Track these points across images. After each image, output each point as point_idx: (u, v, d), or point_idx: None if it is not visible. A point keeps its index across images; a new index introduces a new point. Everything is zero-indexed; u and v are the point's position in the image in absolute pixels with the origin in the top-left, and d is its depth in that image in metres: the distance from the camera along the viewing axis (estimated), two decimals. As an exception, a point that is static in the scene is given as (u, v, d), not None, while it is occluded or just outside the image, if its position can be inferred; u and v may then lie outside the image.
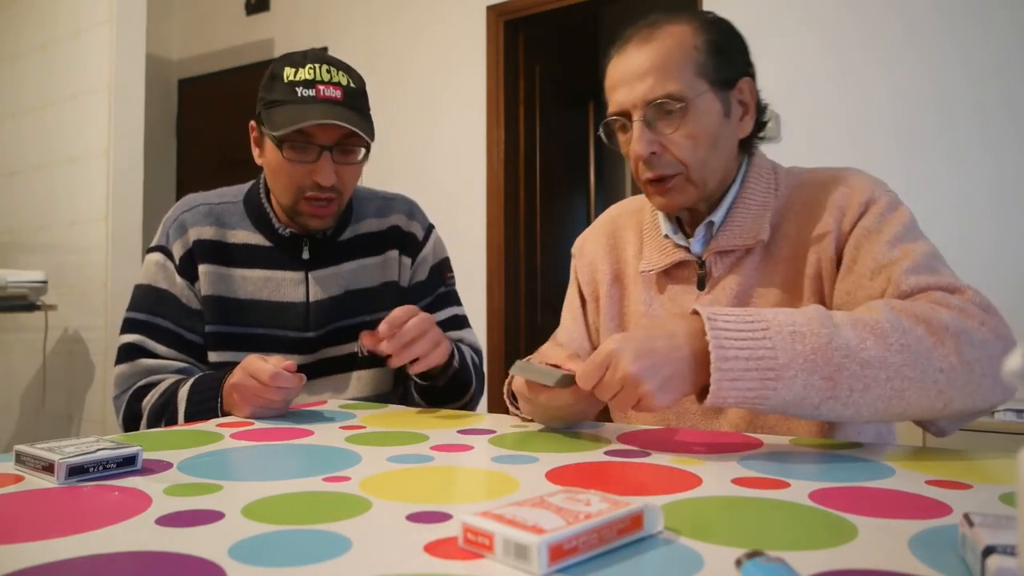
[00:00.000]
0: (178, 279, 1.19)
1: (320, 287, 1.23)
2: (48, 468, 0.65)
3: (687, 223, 1.04)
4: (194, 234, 1.21)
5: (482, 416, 1.00)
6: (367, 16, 3.97)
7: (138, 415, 1.14)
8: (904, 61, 2.68)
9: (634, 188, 4.80)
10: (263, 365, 0.98)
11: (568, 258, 1.24)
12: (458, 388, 1.21)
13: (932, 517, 0.53)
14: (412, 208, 1.35)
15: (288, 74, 1.14)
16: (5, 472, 0.67)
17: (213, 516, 0.54)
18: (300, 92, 1.13)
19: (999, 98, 2.53)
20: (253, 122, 1.20)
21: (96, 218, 2.85)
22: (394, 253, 1.30)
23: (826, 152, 2.72)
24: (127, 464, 0.68)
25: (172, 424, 1.09)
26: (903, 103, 2.68)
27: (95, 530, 0.51)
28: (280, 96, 1.14)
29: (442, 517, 0.53)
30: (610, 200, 1.26)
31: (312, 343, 1.22)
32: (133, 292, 1.23)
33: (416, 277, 1.32)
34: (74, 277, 2.90)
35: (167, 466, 0.70)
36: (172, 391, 1.12)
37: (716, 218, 1.00)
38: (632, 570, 0.44)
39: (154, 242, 1.24)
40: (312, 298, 1.22)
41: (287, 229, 1.23)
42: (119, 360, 1.19)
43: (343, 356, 1.24)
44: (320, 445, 0.80)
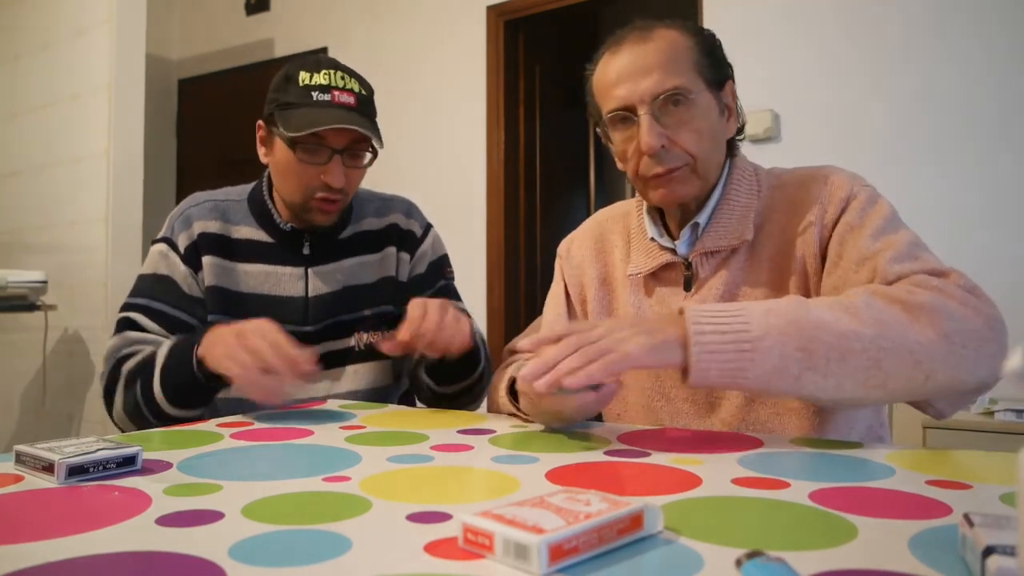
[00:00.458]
0: (181, 266, 1.21)
1: (319, 282, 1.26)
2: (48, 468, 0.65)
3: (674, 225, 1.06)
4: (199, 227, 1.23)
5: (482, 416, 1.00)
6: (367, 16, 3.97)
7: (116, 379, 1.14)
8: (906, 61, 2.68)
9: (633, 188, 4.80)
10: (282, 337, 0.95)
11: (567, 258, 1.24)
12: (471, 364, 1.22)
13: (932, 517, 0.53)
14: (410, 208, 1.38)
15: (303, 78, 1.17)
16: (5, 472, 0.67)
17: (213, 516, 0.54)
18: (316, 96, 1.16)
19: (996, 98, 2.53)
20: (261, 121, 1.23)
21: (96, 218, 2.85)
22: (392, 250, 1.32)
23: (826, 152, 2.72)
24: (127, 464, 0.68)
25: (148, 386, 1.08)
26: (904, 103, 2.68)
27: (95, 530, 0.51)
28: (295, 99, 1.16)
29: (442, 517, 0.53)
30: (610, 200, 1.26)
31: (310, 337, 1.23)
32: (135, 281, 1.25)
33: (415, 271, 1.34)
34: (74, 277, 2.90)
35: (167, 466, 0.70)
36: (154, 352, 1.11)
37: (701, 219, 1.01)
38: (632, 570, 0.44)
39: (159, 235, 1.26)
40: (311, 293, 1.25)
41: (288, 225, 1.26)
42: (112, 335, 1.21)
43: (341, 350, 1.26)
44: (320, 445, 0.80)
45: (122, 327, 1.19)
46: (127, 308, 1.21)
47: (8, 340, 3.12)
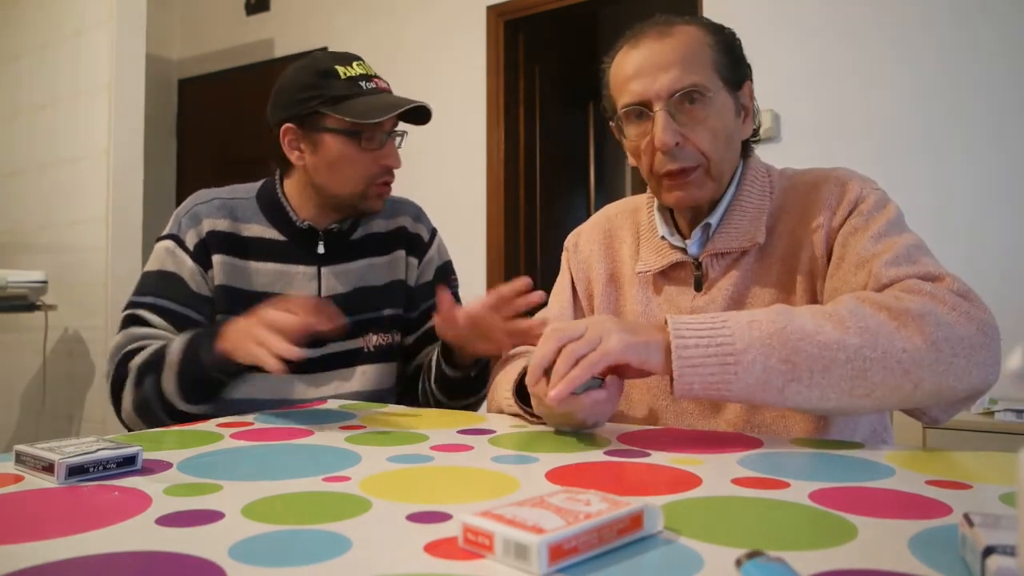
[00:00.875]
0: (189, 263, 1.20)
1: (333, 282, 1.26)
2: (48, 468, 0.65)
3: (684, 224, 1.05)
4: (208, 225, 1.22)
5: (482, 416, 1.00)
6: (367, 16, 3.97)
7: (123, 377, 1.12)
8: (907, 60, 2.68)
9: (634, 188, 4.80)
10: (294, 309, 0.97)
11: (567, 257, 1.23)
12: (481, 381, 1.23)
13: (932, 517, 0.53)
14: (419, 211, 1.39)
15: (342, 71, 1.18)
16: (5, 472, 0.67)
17: (213, 516, 0.54)
18: (364, 85, 1.18)
19: (989, 96, 2.53)
20: (290, 124, 1.19)
21: (96, 218, 2.85)
22: (401, 253, 1.33)
23: (826, 152, 2.72)
24: (127, 464, 0.68)
25: (157, 381, 1.07)
26: (904, 103, 2.68)
27: (95, 530, 0.51)
28: (345, 91, 1.17)
29: (442, 517, 0.53)
30: (610, 200, 1.26)
31: (320, 337, 1.22)
32: (140, 278, 1.23)
33: (423, 277, 1.34)
34: (74, 277, 2.90)
35: (167, 466, 0.70)
36: (165, 346, 1.10)
37: (713, 220, 1.01)
38: (632, 570, 0.44)
39: (165, 231, 1.24)
40: (325, 292, 1.25)
41: (306, 223, 1.25)
42: (117, 331, 1.19)
43: (350, 351, 1.26)
44: (320, 445, 0.80)
45: (128, 323, 1.18)
46: (132, 306, 1.19)
47: (8, 340, 3.12)
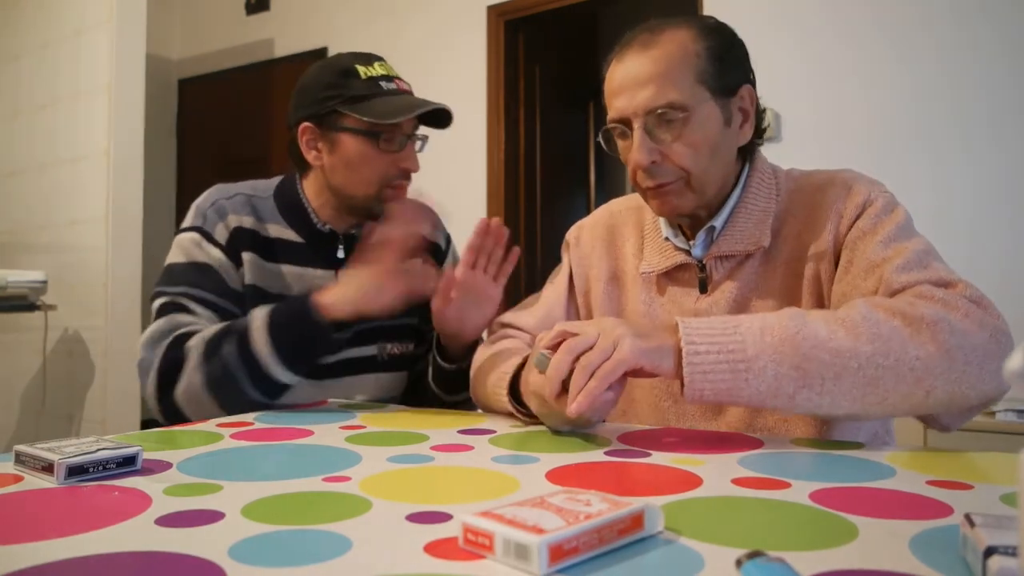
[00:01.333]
0: (218, 255, 1.15)
1: None
2: (48, 468, 0.65)
3: (687, 227, 1.04)
4: (234, 221, 1.18)
5: (482, 416, 1.00)
6: (367, 16, 3.97)
7: (178, 359, 1.05)
8: (907, 60, 2.68)
9: (634, 188, 4.79)
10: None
11: (567, 256, 1.23)
12: None
13: (933, 517, 0.53)
14: (436, 217, 1.37)
15: (363, 71, 1.17)
16: (5, 472, 0.67)
17: (213, 516, 0.54)
18: (384, 86, 1.17)
19: (989, 96, 2.53)
20: (308, 124, 1.18)
21: (96, 218, 2.85)
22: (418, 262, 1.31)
23: (826, 152, 2.72)
24: (127, 464, 0.68)
25: (246, 349, 1.01)
26: (904, 103, 2.68)
27: (95, 530, 0.51)
28: (366, 91, 1.15)
29: (442, 517, 0.53)
30: (610, 200, 1.25)
31: (336, 343, 1.22)
32: (165, 271, 1.16)
33: None
34: (74, 277, 2.90)
35: (167, 466, 0.70)
36: (234, 323, 1.05)
37: (717, 223, 1.00)
38: (632, 570, 0.44)
39: (187, 224, 1.19)
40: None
41: (327, 226, 1.23)
42: (154, 320, 1.12)
43: (364, 357, 1.25)
44: (320, 445, 0.80)
45: (168, 310, 1.10)
46: (164, 295, 1.12)
47: (8, 340, 3.12)
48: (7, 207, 3.22)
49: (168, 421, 1.07)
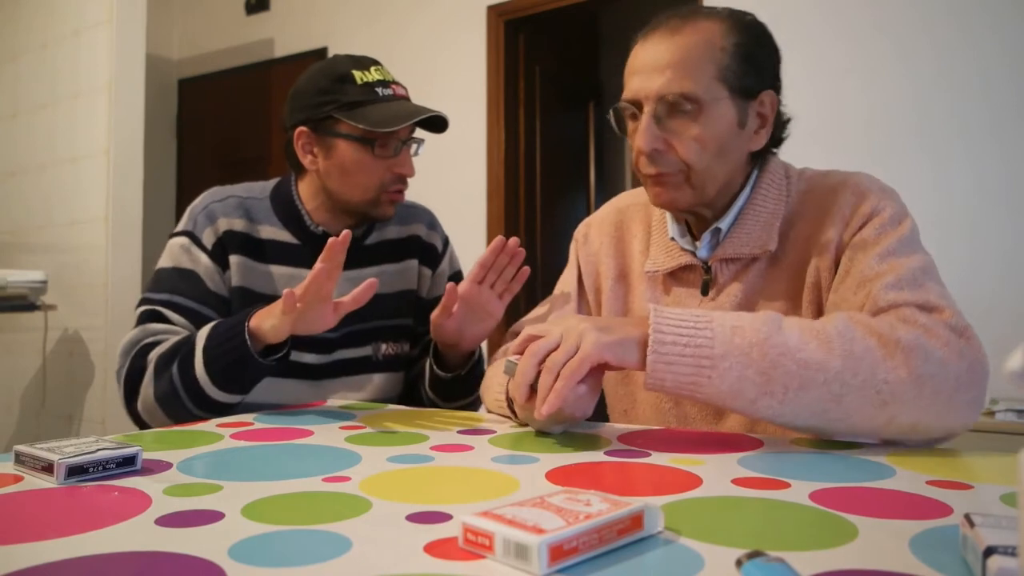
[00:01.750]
0: (206, 261, 1.17)
1: (345, 289, 1.23)
2: (48, 468, 0.65)
3: (694, 227, 1.03)
4: (224, 224, 1.20)
5: (482, 416, 1.00)
6: (367, 16, 3.97)
7: (141, 369, 1.09)
8: (907, 60, 2.68)
9: (634, 187, 4.79)
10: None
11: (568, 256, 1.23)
12: (472, 380, 1.22)
13: (933, 517, 0.53)
14: (432, 219, 1.38)
15: (359, 76, 1.17)
16: (5, 472, 0.67)
17: (213, 516, 0.54)
18: (381, 92, 1.17)
19: (988, 97, 2.53)
20: (304, 128, 1.18)
21: (96, 218, 2.85)
22: (414, 263, 1.32)
23: (826, 151, 2.72)
24: (127, 464, 0.68)
25: (186, 368, 1.03)
26: (904, 102, 2.68)
27: (95, 530, 0.51)
28: (361, 96, 1.16)
29: (442, 517, 0.53)
30: (610, 199, 1.25)
31: (330, 343, 1.22)
32: (154, 275, 1.20)
33: (435, 290, 1.34)
34: (74, 277, 2.90)
35: (167, 466, 0.70)
36: (186, 338, 1.08)
37: (723, 225, 0.98)
38: (632, 570, 0.44)
39: (179, 228, 1.22)
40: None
41: (320, 228, 1.24)
42: (133, 327, 1.16)
43: (358, 358, 1.25)
44: (320, 445, 0.80)
45: (144, 319, 1.15)
46: (148, 302, 1.16)
47: (8, 340, 3.12)
48: (7, 207, 3.22)
49: (139, 427, 1.12)
